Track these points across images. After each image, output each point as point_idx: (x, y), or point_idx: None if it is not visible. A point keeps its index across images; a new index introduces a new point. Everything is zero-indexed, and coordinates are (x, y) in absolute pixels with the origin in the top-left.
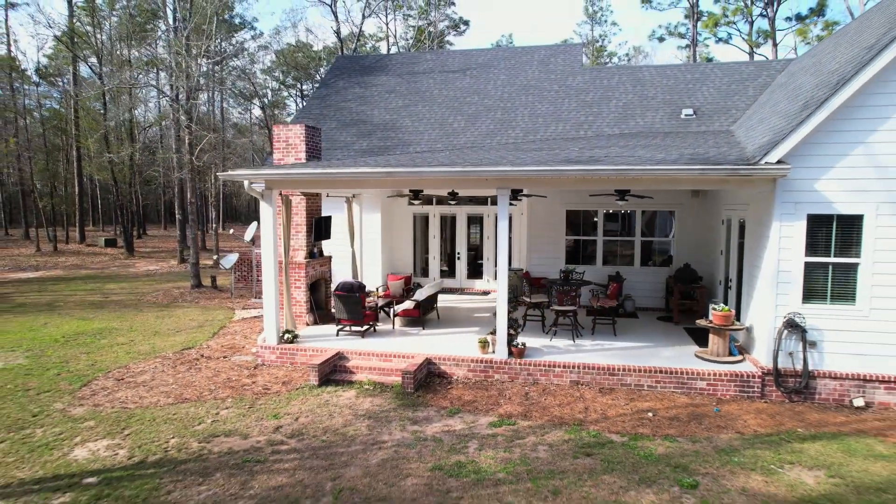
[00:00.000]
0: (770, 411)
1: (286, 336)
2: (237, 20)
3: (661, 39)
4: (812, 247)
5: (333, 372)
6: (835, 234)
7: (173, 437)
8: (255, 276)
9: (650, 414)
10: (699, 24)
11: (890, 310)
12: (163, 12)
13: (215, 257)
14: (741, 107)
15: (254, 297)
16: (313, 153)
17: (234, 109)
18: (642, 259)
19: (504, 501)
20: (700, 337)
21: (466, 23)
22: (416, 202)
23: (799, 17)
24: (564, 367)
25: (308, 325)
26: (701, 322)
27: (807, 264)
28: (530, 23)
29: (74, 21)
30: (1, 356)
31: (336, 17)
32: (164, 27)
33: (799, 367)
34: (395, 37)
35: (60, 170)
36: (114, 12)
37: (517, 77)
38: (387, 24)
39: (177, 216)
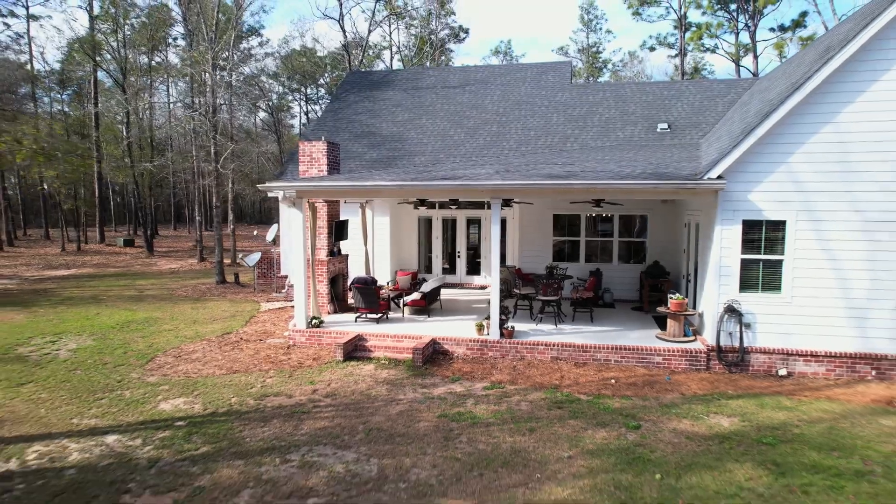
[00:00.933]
0: (711, 379)
1: (313, 321)
2: (245, 27)
3: (651, 49)
4: (747, 246)
5: (355, 350)
6: (764, 236)
7: (234, 397)
8: (275, 272)
9: (613, 381)
10: (687, 35)
11: (807, 297)
12: (185, 31)
13: (241, 256)
14: (710, 121)
15: (275, 292)
16: (333, 166)
17: (239, 112)
18: (620, 257)
19: (493, 436)
20: (664, 322)
21: (466, 31)
22: (421, 207)
23: (782, 28)
24: (546, 345)
25: (329, 313)
26: (661, 309)
27: (742, 260)
28: (528, 28)
29: (96, 34)
30: (73, 339)
31: (344, 31)
32: (183, 40)
33: (737, 344)
34: (398, 46)
35: (80, 173)
36: (128, 22)
37: (511, 93)
38: (390, 33)
39: (197, 218)
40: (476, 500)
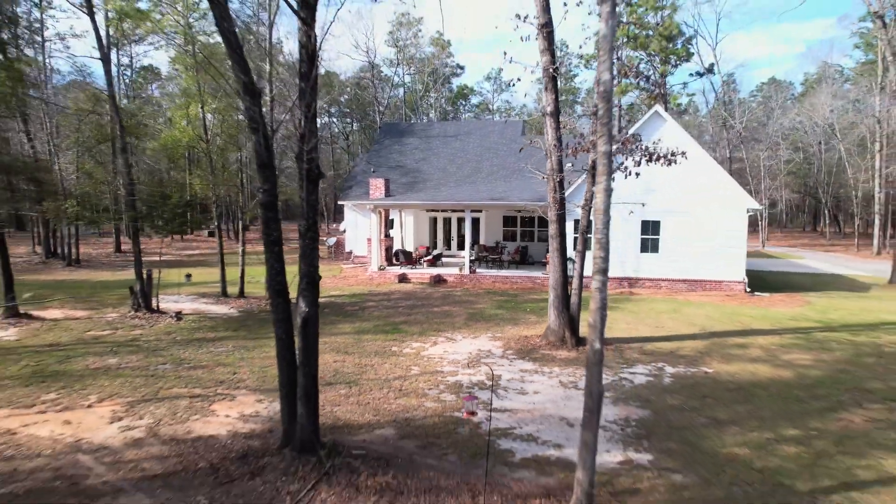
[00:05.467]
0: None
1: (380, 267)
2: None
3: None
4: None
5: (403, 279)
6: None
7: (358, 292)
8: (343, 250)
9: (514, 287)
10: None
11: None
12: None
13: (324, 239)
14: None
15: (345, 261)
16: (387, 190)
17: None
18: (538, 239)
19: (461, 298)
20: None
21: (462, 67)
22: (431, 212)
23: (699, 73)
24: (490, 276)
25: (385, 266)
26: (544, 260)
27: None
28: (513, 54)
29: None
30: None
31: (375, 87)
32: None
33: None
34: (410, 81)
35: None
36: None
37: (485, 140)
38: (403, 75)
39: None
40: (453, 307)
